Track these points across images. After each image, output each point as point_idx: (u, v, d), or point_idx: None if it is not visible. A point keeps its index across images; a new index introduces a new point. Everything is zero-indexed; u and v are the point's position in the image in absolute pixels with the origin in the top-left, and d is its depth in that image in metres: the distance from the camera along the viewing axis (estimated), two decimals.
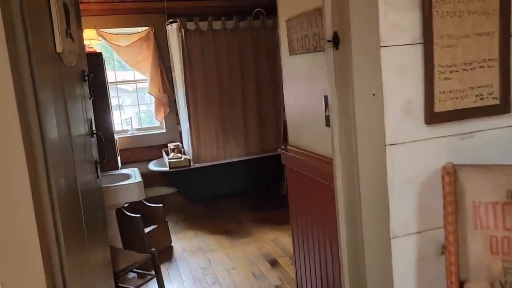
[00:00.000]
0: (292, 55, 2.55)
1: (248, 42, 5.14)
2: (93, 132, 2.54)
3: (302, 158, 2.53)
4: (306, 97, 2.47)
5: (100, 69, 4.33)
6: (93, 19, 5.23)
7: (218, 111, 5.14)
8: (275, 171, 5.45)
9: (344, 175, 1.77)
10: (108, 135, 4.37)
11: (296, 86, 2.59)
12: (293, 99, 2.68)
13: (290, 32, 2.52)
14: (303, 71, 2.48)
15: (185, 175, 5.04)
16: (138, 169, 4.00)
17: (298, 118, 2.63)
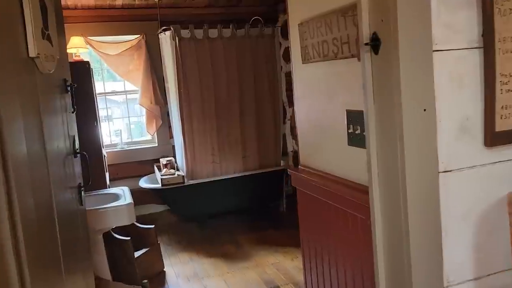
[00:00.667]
0: (305, 63, 2.23)
1: (246, 51, 4.83)
2: (76, 151, 2.17)
3: (318, 181, 2.20)
4: (323, 111, 2.15)
5: (87, 79, 3.98)
6: (80, 26, 4.89)
7: (214, 124, 4.80)
8: (274, 187, 5.12)
9: (385, 208, 1.43)
10: (95, 151, 4.02)
11: (310, 98, 2.27)
12: (306, 113, 2.35)
13: (303, 38, 2.20)
14: (319, 82, 2.15)
15: (179, 193, 4.68)
16: (128, 187, 3.62)
17: (313, 135, 2.30)
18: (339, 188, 2.00)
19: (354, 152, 1.90)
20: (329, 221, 2.16)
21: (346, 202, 1.95)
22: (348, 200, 1.93)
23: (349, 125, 1.92)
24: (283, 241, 4.42)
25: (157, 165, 5.07)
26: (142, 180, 4.94)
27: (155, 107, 5.05)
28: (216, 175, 4.86)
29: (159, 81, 5.09)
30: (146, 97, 5.01)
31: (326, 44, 1.99)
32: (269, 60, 4.92)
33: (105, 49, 4.98)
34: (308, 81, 2.26)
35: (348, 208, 1.94)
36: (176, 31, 4.56)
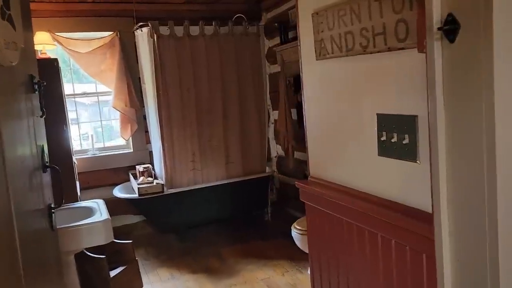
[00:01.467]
0: (321, 59, 1.88)
1: (229, 50, 4.46)
2: (45, 164, 1.75)
3: (335, 196, 1.86)
4: (344, 114, 1.81)
5: (56, 78, 3.52)
6: (47, 21, 4.39)
7: (195, 128, 4.40)
8: (259, 195, 4.76)
9: (457, 245, 1.09)
10: (65, 159, 3.55)
11: (325, 100, 1.93)
12: (319, 116, 2.01)
13: (318, 30, 1.86)
14: (340, 81, 1.81)
15: (157, 203, 4.25)
16: (103, 200, 3.18)
17: (328, 142, 1.96)
18: (365, 206, 1.67)
19: (387, 164, 1.58)
20: (350, 242, 1.82)
21: (375, 223, 1.62)
22: (378, 221, 1.60)
23: (381, 131, 1.59)
24: (271, 253, 4.07)
25: (132, 173, 4.62)
26: (116, 190, 4.48)
27: (130, 110, 4.60)
28: (197, 183, 4.46)
29: (135, 82, 4.64)
30: (120, 99, 4.55)
31: (351, 36, 1.66)
32: (253, 60, 4.57)
33: (74, 46, 4.50)
34: (323, 80, 1.92)
35: (378, 230, 1.61)
36: (154, 28, 4.14)
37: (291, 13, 4.49)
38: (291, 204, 5.00)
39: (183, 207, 4.38)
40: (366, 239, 1.70)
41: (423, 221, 1.37)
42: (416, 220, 1.42)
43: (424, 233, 1.34)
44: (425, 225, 1.33)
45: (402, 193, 1.50)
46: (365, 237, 1.70)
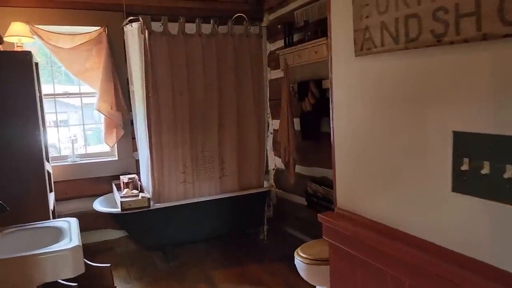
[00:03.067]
0: (362, 55, 1.36)
1: (228, 52, 3.93)
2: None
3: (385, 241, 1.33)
4: (397, 130, 1.29)
5: (28, 74, 2.95)
6: (25, 11, 3.83)
7: (187, 136, 3.85)
8: (255, 212, 4.21)
9: None
10: (34, 167, 2.99)
11: (366, 108, 1.40)
12: (354, 130, 1.49)
13: (361, 15, 1.34)
14: (391, 83, 1.29)
15: (142, 218, 3.68)
16: (76, 220, 2.61)
17: (368, 164, 1.43)
18: (425, 259, 1.14)
19: (467, 204, 1.06)
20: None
21: (441, 286, 1.09)
22: (446, 283, 1.07)
23: (459, 158, 1.07)
24: (267, 278, 3.53)
25: (116, 184, 4.04)
26: (97, 202, 3.89)
27: (116, 113, 4.03)
28: (188, 197, 3.90)
29: (122, 83, 4.09)
30: (105, 101, 3.99)
31: (415, 21, 1.14)
32: (254, 63, 4.04)
33: (56, 41, 3.93)
34: (365, 81, 1.40)
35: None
36: (146, 23, 3.60)
37: (297, 13, 3.98)
38: (289, 222, 4.46)
39: (170, 224, 3.82)
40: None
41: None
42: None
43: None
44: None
45: (492, 250, 0.98)
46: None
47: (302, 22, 3.89)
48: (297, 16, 3.99)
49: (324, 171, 3.86)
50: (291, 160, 3.93)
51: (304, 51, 3.63)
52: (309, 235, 4.13)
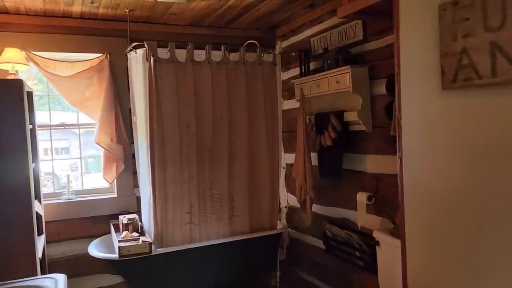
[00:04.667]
0: (454, 89, 0.95)
1: (239, 80, 3.56)
2: None
3: None
4: (508, 196, 0.86)
5: (18, 103, 2.56)
6: (21, 36, 3.47)
7: (194, 172, 3.43)
8: (268, 256, 3.75)
9: None
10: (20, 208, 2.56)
11: (455, 162, 0.98)
12: (434, 190, 1.06)
13: (455, 33, 0.94)
14: (505, 131, 0.88)
15: (143, 265, 3.22)
16: (65, 276, 2.16)
17: (456, 242, 1.00)
18: None
19: None
20: None
21: None
22: None
23: None
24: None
25: (114, 224, 3.59)
26: (93, 245, 3.44)
27: (116, 147, 3.62)
28: (194, 240, 3.45)
29: (124, 114, 3.70)
30: (106, 133, 3.59)
31: None
32: (268, 93, 3.66)
33: (54, 68, 3.56)
34: (455, 124, 0.99)
35: None
36: (152, 50, 3.24)
37: (314, 40, 3.64)
38: (303, 267, 3.98)
39: (174, 270, 3.35)
40: None
41: None
42: None
43: None
44: None
45: None
46: None
47: (320, 49, 3.54)
48: (314, 43, 3.64)
49: (345, 212, 3.42)
50: (307, 200, 3.50)
51: (324, 81, 3.25)
52: (327, 282, 3.65)
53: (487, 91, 0.90)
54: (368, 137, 3.08)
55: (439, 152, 1.04)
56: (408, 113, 1.11)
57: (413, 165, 1.14)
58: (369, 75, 3.01)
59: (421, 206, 1.12)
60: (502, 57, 0.85)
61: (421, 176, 1.11)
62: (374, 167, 3.05)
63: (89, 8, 3.39)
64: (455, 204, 1.00)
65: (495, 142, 0.90)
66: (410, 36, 1.08)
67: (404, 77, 1.11)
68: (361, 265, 3.10)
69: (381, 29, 2.89)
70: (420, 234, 1.14)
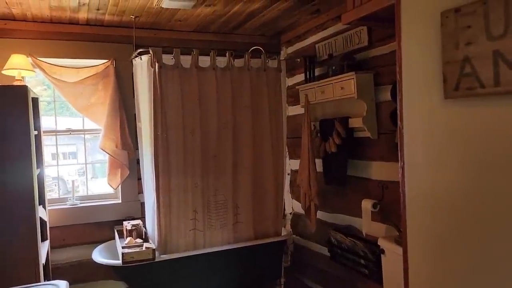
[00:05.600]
0: (456, 97, 0.94)
1: (244, 86, 3.55)
2: None
3: None
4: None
5: (22, 109, 2.58)
6: (28, 43, 3.50)
7: (198, 179, 3.42)
8: (272, 263, 3.72)
9: None
10: (23, 214, 2.56)
11: (461, 174, 0.96)
12: (438, 203, 1.04)
13: (457, 41, 0.93)
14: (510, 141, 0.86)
15: (146, 272, 3.21)
16: (67, 283, 2.15)
17: (464, 261, 0.98)
18: None
19: None
20: None
21: None
22: None
23: None
24: None
25: (118, 230, 3.59)
26: (97, 251, 3.44)
27: (121, 152, 3.63)
28: (198, 247, 3.43)
29: (129, 120, 3.71)
30: (111, 139, 3.60)
31: None
32: (272, 99, 3.65)
33: (60, 74, 3.58)
34: (459, 134, 0.97)
35: None
36: (157, 56, 3.24)
37: (319, 46, 3.63)
38: (308, 273, 3.95)
39: (178, 277, 3.33)
40: None
41: None
42: None
43: None
44: None
45: None
46: None
47: (325, 55, 3.52)
48: (319, 49, 3.63)
49: (349, 219, 3.39)
50: (312, 206, 3.47)
51: (328, 87, 3.24)
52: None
53: (490, 100, 0.88)
54: (373, 144, 3.06)
55: (442, 161, 1.02)
56: (410, 122, 1.09)
57: (415, 174, 1.11)
58: (374, 81, 2.99)
59: (424, 216, 1.10)
60: (505, 65, 0.83)
61: (424, 185, 1.09)
62: (379, 174, 3.02)
63: (95, 14, 3.41)
64: (458, 214, 0.98)
65: (499, 152, 0.88)
66: (412, 44, 1.07)
67: (406, 85, 1.09)
68: (365, 273, 3.06)
69: (386, 35, 2.87)
70: (422, 243, 1.12)
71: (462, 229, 0.98)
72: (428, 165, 1.06)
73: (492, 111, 0.88)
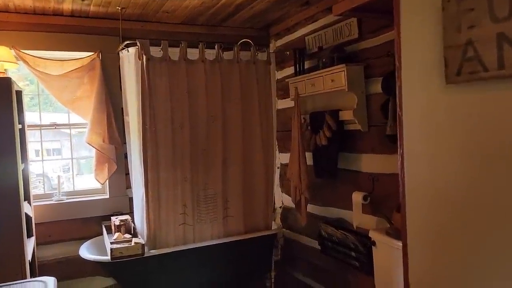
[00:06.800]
0: (458, 82, 0.91)
1: (233, 79, 3.52)
2: None
3: None
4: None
5: (5, 102, 2.49)
6: (11, 35, 3.40)
7: (188, 172, 3.38)
8: (262, 257, 3.70)
9: None
10: (7, 209, 2.49)
11: (464, 164, 0.94)
12: (439, 193, 1.02)
13: (459, 24, 0.90)
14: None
15: (135, 267, 3.16)
16: (54, 279, 2.10)
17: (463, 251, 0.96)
18: None
19: None
20: None
21: None
22: None
23: None
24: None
25: (106, 225, 3.53)
26: (84, 247, 3.37)
27: (108, 147, 3.56)
28: (188, 241, 3.39)
29: (116, 113, 3.64)
30: (97, 133, 3.52)
31: None
32: (262, 92, 3.62)
33: (44, 67, 3.49)
34: (462, 122, 0.95)
35: None
36: (144, 48, 3.18)
37: (309, 39, 3.60)
38: (298, 267, 3.94)
39: (168, 272, 3.29)
40: None
41: None
42: None
43: None
44: None
45: None
46: None
47: (315, 48, 3.50)
48: (309, 42, 3.61)
49: (340, 212, 3.38)
50: (302, 200, 3.46)
51: (319, 79, 3.21)
52: (322, 283, 3.62)
53: (493, 84, 0.86)
54: (364, 136, 3.05)
55: (443, 150, 1.00)
56: (410, 109, 1.07)
57: (415, 164, 1.09)
58: (365, 74, 2.97)
59: (424, 207, 1.08)
60: (509, 48, 0.81)
61: (424, 175, 1.07)
62: (370, 167, 3.02)
63: (80, 5, 3.33)
64: (461, 205, 0.96)
65: (503, 139, 0.86)
66: (412, 29, 1.04)
67: (406, 71, 1.07)
68: (356, 265, 3.06)
69: (377, 27, 2.86)
70: (423, 235, 1.10)
71: (464, 220, 0.96)
72: (429, 154, 1.04)
73: (496, 95, 0.87)
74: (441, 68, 0.95)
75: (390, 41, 2.74)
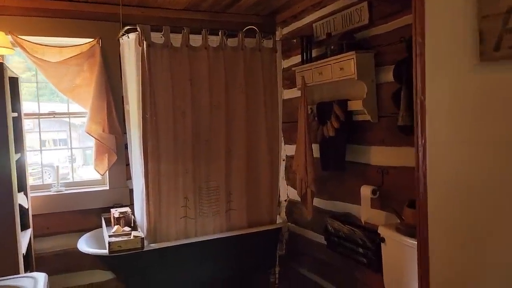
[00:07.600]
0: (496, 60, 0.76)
1: (238, 67, 3.37)
2: None
3: None
4: None
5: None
6: (8, 20, 3.29)
7: (190, 164, 3.26)
8: (266, 252, 3.59)
9: None
10: (2, 202, 2.39)
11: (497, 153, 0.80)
12: (466, 185, 0.88)
13: None
14: None
15: (134, 261, 3.06)
16: (45, 275, 1.99)
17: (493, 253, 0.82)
18: None
19: None
20: None
21: None
22: None
23: None
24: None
25: (106, 217, 3.43)
26: (83, 240, 3.27)
27: (108, 137, 3.44)
28: (189, 235, 3.28)
29: (117, 102, 3.52)
30: (97, 123, 3.41)
31: None
32: (267, 81, 3.48)
33: (42, 53, 3.37)
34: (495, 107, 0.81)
35: None
36: (145, 33, 3.05)
37: (317, 26, 3.45)
38: (304, 263, 3.82)
39: (168, 267, 3.19)
40: None
41: None
42: None
43: None
44: None
45: None
46: None
47: (323, 35, 3.35)
48: (317, 28, 3.45)
49: (347, 206, 3.25)
50: (308, 193, 3.33)
51: (327, 68, 3.07)
52: (328, 279, 3.50)
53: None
54: (373, 127, 2.91)
55: (475, 140, 0.86)
56: (434, 93, 0.93)
57: (440, 156, 0.95)
58: (375, 62, 2.82)
59: (450, 203, 0.95)
60: None
61: (449, 167, 0.93)
62: (379, 159, 2.88)
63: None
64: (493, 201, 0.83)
65: None
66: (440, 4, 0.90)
67: (430, 49, 0.92)
68: (364, 262, 2.93)
69: (389, 13, 2.71)
70: (447, 235, 0.97)
71: (498, 218, 0.83)
72: (457, 144, 0.90)
73: None
74: (474, 43, 0.81)
75: (403, 26, 2.59)
